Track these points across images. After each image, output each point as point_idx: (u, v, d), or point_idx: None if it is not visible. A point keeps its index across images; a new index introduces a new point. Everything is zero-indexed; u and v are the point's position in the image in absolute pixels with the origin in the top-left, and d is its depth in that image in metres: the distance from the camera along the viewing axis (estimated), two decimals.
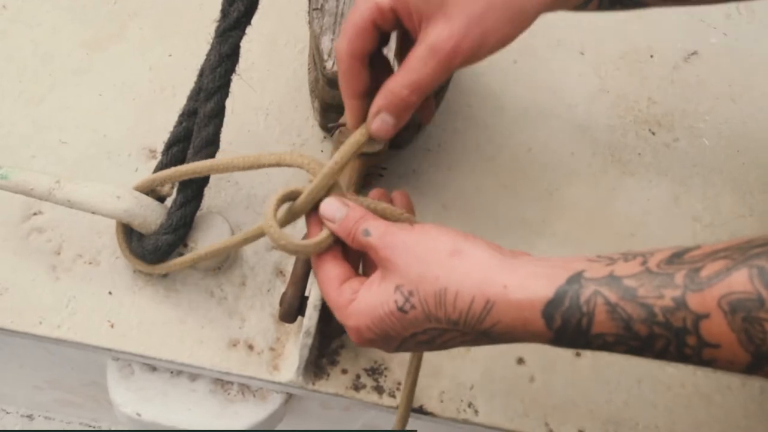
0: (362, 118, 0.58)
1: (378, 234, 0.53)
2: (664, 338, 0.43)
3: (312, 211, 0.58)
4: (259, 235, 0.60)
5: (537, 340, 0.47)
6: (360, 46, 0.55)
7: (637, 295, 0.43)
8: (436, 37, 0.52)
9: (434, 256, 0.49)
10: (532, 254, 0.51)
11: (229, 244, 0.64)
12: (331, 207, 0.56)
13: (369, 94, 0.58)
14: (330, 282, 0.56)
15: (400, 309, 0.50)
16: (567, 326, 0.45)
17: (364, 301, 0.52)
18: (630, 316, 0.44)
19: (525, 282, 0.47)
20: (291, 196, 0.58)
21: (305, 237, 0.59)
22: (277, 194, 0.57)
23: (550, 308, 0.46)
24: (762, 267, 0.40)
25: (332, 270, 0.56)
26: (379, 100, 0.56)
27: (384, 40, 0.58)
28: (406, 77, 0.54)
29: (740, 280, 0.41)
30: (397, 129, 0.57)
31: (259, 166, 0.62)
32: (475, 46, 0.53)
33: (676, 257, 0.44)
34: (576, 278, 0.46)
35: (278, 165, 0.60)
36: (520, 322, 0.47)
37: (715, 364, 0.43)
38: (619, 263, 0.46)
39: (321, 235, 0.56)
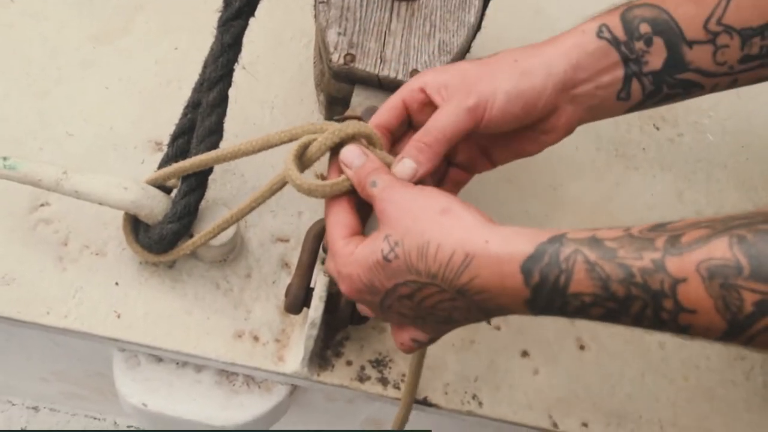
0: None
1: (382, 186, 0.55)
2: (641, 300, 0.44)
3: (335, 158, 0.60)
4: (281, 183, 0.62)
5: (513, 300, 0.48)
6: (386, 120, 0.60)
7: (616, 256, 0.44)
8: (455, 91, 0.58)
9: (425, 213, 0.51)
10: None
11: (244, 208, 0.66)
12: (351, 153, 0.58)
13: None
14: (337, 227, 0.57)
15: (385, 257, 0.52)
16: (545, 283, 0.46)
17: (359, 252, 0.54)
18: (608, 276, 0.44)
19: (507, 238, 0.48)
20: (307, 145, 0.60)
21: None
22: (296, 143, 0.59)
23: (529, 263, 0.46)
24: (742, 236, 0.41)
25: (343, 217, 0.57)
26: (407, 150, 0.58)
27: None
28: (428, 124, 0.58)
29: (720, 247, 0.41)
30: (419, 174, 0.58)
31: (270, 146, 0.63)
32: (487, 92, 0.57)
33: (659, 226, 0.45)
34: (558, 238, 0.47)
35: (291, 140, 0.61)
36: (497, 277, 0.47)
37: (692, 331, 0.43)
38: (602, 229, 0.47)
39: (338, 179, 0.58)
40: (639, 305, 0.44)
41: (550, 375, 0.76)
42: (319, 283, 0.68)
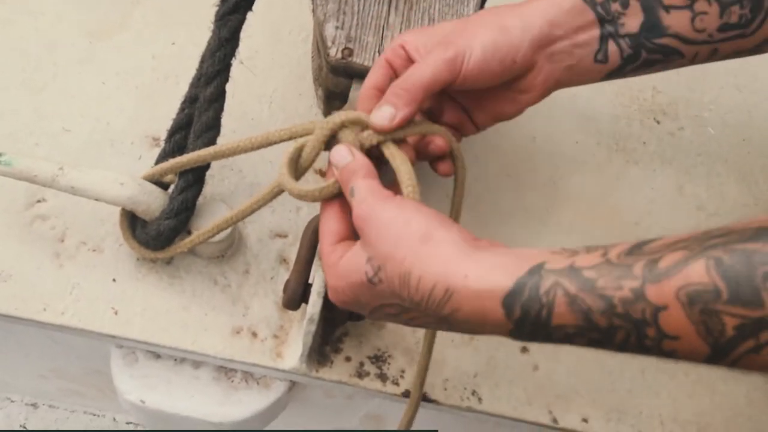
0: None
1: (359, 198, 0.54)
2: (624, 330, 0.43)
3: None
4: (274, 194, 0.62)
5: (497, 331, 0.48)
6: (374, 80, 0.61)
7: (596, 287, 0.44)
8: (437, 52, 0.58)
9: (404, 238, 0.50)
10: (514, 245, 0.51)
11: (241, 212, 0.65)
12: (337, 154, 0.57)
13: None
14: (327, 235, 0.57)
15: (370, 280, 0.51)
16: (526, 317, 0.46)
17: (344, 265, 0.54)
18: (590, 308, 0.44)
19: (486, 273, 0.47)
20: (302, 149, 0.60)
21: None
22: (289, 149, 0.59)
23: (510, 299, 0.46)
24: (718, 258, 0.40)
25: (332, 224, 0.57)
26: (383, 98, 0.59)
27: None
28: (405, 73, 0.59)
29: (697, 271, 0.40)
30: (397, 120, 0.58)
31: (269, 144, 0.63)
32: (463, 46, 0.58)
33: (636, 248, 0.44)
34: (536, 269, 0.46)
35: (291, 138, 0.61)
36: (479, 311, 0.47)
37: (676, 355, 0.43)
38: (580, 255, 0.46)
39: (328, 182, 0.57)
40: (622, 334, 0.44)
41: (550, 371, 0.76)
42: (317, 279, 0.67)
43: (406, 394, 0.72)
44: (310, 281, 0.68)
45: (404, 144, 0.60)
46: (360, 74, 0.70)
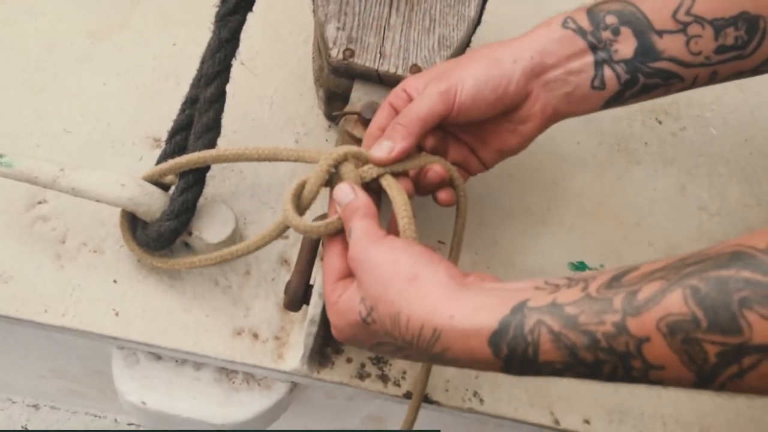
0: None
1: (354, 240, 0.55)
2: (610, 363, 0.44)
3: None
4: (281, 230, 0.63)
5: (489, 368, 0.48)
6: (379, 121, 0.64)
7: (578, 323, 0.44)
8: (431, 87, 0.60)
9: (393, 280, 0.51)
10: (515, 246, 0.52)
11: (247, 247, 0.66)
12: (340, 192, 0.59)
13: None
14: (329, 273, 0.58)
15: (364, 320, 0.53)
16: (514, 355, 0.46)
17: (342, 304, 0.55)
18: (574, 344, 0.44)
19: (470, 313, 0.48)
20: (302, 188, 0.61)
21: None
22: (292, 186, 0.60)
23: (496, 338, 0.46)
24: (695, 286, 0.41)
25: (335, 262, 0.58)
26: (383, 134, 0.62)
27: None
28: (405, 109, 0.61)
29: (675, 301, 0.41)
30: (395, 153, 0.60)
31: (275, 159, 0.64)
32: (456, 79, 0.60)
33: (615, 280, 0.45)
34: (519, 308, 0.46)
35: (297, 161, 0.63)
36: (468, 351, 0.48)
37: (664, 383, 0.44)
38: (562, 290, 0.46)
39: (332, 218, 0.58)
40: (609, 367, 0.44)
41: None
42: (318, 280, 0.67)
43: (407, 395, 0.72)
44: (311, 282, 0.68)
45: (403, 178, 0.62)
46: (361, 75, 0.70)
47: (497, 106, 0.61)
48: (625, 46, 0.60)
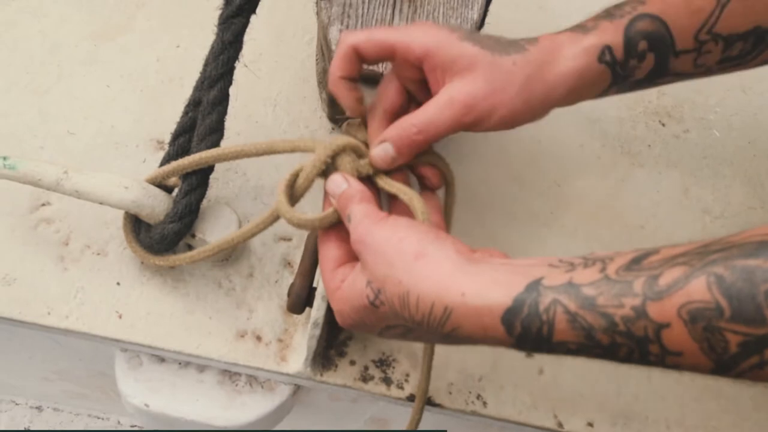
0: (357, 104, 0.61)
1: (355, 222, 0.54)
2: (627, 347, 0.43)
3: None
4: (274, 218, 0.62)
5: (500, 344, 0.48)
6: (353, 59, 0.59)
7: (596, 304, 0.43)
8: (458, 91, 0.56)
9: (399, 258, 0.50)
10: (518, 248, 0.51)
11: (242, 234, 0.65)
12: (333, 183, 0.58)
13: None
14: (327, 262, 0.57)
15: (372, 303, 0.51)
16: (527, 333, 0.45)
17: (346, 289, 0.54)
18: (591, 326, 0.44)
19: (483, 290, 0.47)
20: (296, 177, 0.60)
21: None
22: (286, 176, 0.59)
23: (509, 316, 0.46)
24: (720, 275, 0.40)
25: (331, 251, 0.57)
26: (389, 131, 0.59)
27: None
28: (419, 117, 0.57)
29: (698, 289, 0.40)
30: (396, 164, 0.59)
31: (273, 152, 0.63)
32: (487, 110, 0.56)
33: (635, 263, 0.44)
34: (534, 286, 0.46)
35: (293, 151, 0.62)
36: (480, 328, 0.47)
37: (680, 369, 0.43)
38: (578, 270, 0.46)
39: (327, 211, 0.57)
40: (625, 351, 0.44)
41: (556, 375, 0.75)
42: (321, 283, 0.67)
43: (410, 397, 0.72)
44: (314, 285, 0.68)
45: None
46: (364, 77, 0.70)
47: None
48: (642, 71, 0.59)
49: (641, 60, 0.59)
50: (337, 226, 0.58)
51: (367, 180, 0.61)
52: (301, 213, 0.58)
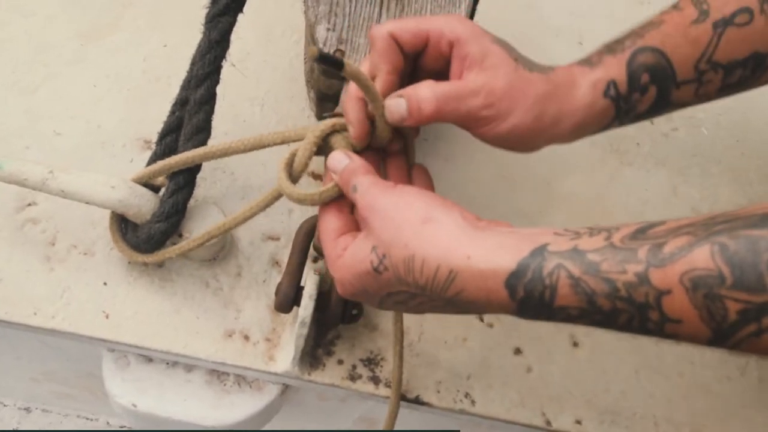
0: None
1: (362, 191, 0.54)
2: (627, 313, 0.44)
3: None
4: (277, 194, 0.62)
5: (501, 310, 0.48)
6: (396, 49, 0.58)
7: (600, 270, 0.44)
8: (482, 85, 0.56)
9: (406, 222, 0.50)
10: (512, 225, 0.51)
11: (237, 217, 0.65)
12: (334, 159, 0.58)
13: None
14: (328, 233, 0.57)
15: (375, 269, 0.51)
16: (530, 298, 0.46)
17: (349, 257, 0.54)
18: (593, 291, 0.44)
19: (488, 253, 0.47)
20: (294, 156, 0.60)
21: None
22: (285, 156, 0.59)
23: (513, 279, 0.46)
24: (723, 244, 0.40)
25: (332, 222, 0.57)
26: (410, 89, 0.57)
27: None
28: (440, 89, 0.56)
29: (702, 257, 0.41)
30: (404, 123, 0.58)
31: (261, 147, 0.63)
32: (502, 112, 0.56)
33: (640, 233, 0.45)
34: (539, 251, 0.46)
35: (283, 142, 0.62)
36: (483, 292, 0.47)
37: (678, 338, 0.44)
38: (583, 237, 0.46)
39: (328, 186, 0.58)
40: (625, 317, 0.44)
41: (544, 372, 0.75)
42: (309, 282, 0.67)
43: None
44: (302, 284, 0.68)
45: None
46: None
47: None
48: (645, 105, 0.60)
49: (644, 93, 0.59)
50: (337, 200, 0.58)
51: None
52: (302, 189, 0.58)
